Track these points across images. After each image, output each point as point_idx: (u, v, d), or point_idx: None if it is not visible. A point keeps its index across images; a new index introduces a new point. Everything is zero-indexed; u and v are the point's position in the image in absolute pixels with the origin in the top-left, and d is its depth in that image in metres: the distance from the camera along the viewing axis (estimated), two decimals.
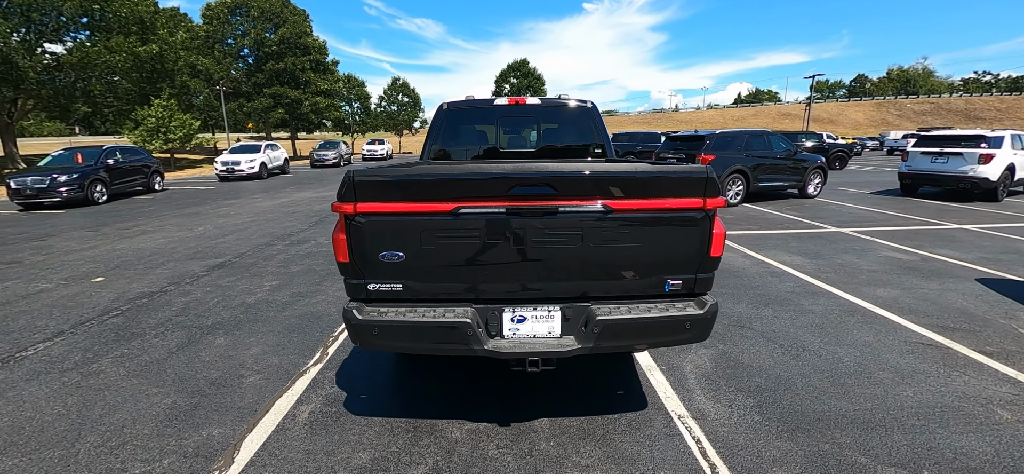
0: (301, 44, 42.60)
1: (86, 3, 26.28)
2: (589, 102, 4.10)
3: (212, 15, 40.57)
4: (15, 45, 22.86)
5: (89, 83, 27.97)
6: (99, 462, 2.36)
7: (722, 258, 4.13)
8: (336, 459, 2.34)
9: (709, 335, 2.29)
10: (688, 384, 2.92)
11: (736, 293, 4.53)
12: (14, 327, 4.10)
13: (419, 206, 2.12)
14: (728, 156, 9.79)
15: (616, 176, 2.11)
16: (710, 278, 2.30)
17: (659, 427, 2.50)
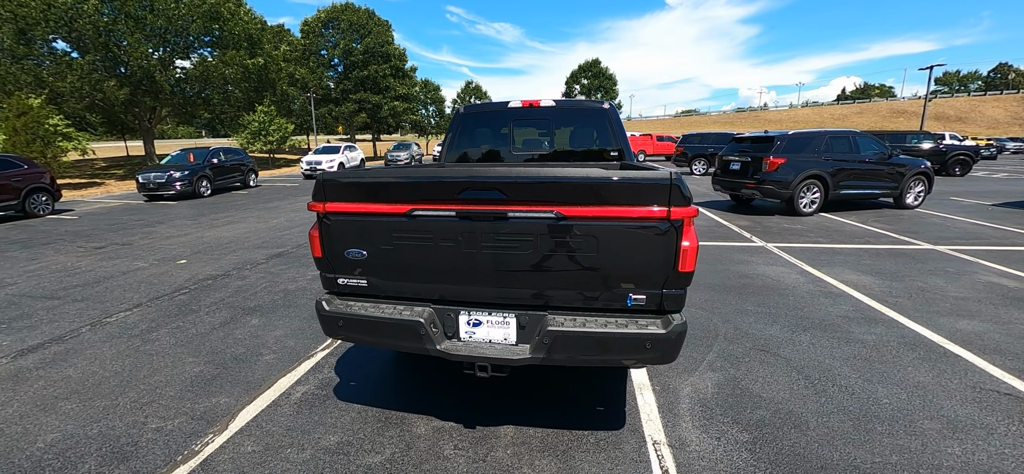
0: (383, 52, 45.80)
1: (208, 24, 30.61)
2: (606, 103, 3.93)
3: (309, 29, 45.11)
4: (154, 62, 27.37)
5: (209, 92, 32.56)
6: (129, 415, 2.76)
7: (770, 273, 3.69)
8: (309, 438, 2.50)
9: (675, 357, 2.09)
10: (678, 408, 2.68)
11: (773, 313, 4.05)
12: (109, 297, 4.94)
13: (378, 207, 2.20)
14: (802, 160, 8.77)
15: (568, 182, 2.00)
16: (680, 295, 2.09)
17: (628, 451, 2.33)
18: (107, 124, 34.22)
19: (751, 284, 4.84)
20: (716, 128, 61.66)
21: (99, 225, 9.58)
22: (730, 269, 5.40)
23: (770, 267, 5.47)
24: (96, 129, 34.35)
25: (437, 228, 2.15)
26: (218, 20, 30.96)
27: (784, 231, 7.50)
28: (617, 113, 3.97)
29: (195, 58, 31.39)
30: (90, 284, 5.41)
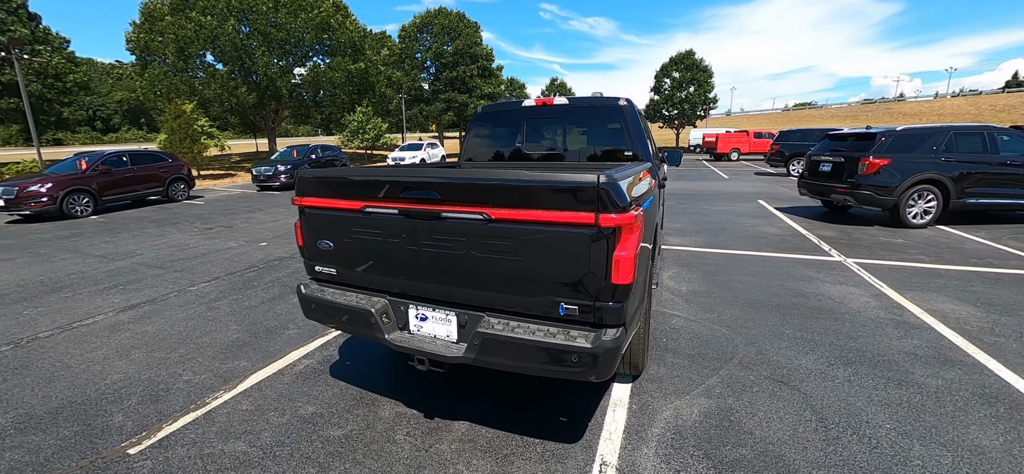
0: (471, 53, 47.72)
1: (319, 35, 34.50)
2: (622, 100, 3.70)
3: (405, 34, 48.66)
4: (276, 71, 31.70)
5: (321, 96, 36.83)
6: (173, 367, 3.32)
7: (832, 293, 3.23)
8: (291, 405, 2.79)
9: (606, 375, 1.93)
10: (648, 432, 2.46)
11: (814, 340, 3.49)
12: (198, 270, 5.92)
13: (339, 203, 2.37)
14: (913, 160, 7.31)
15: (493, 183, 1.96)
16: (619, 309, 1.93)
17: (570, 467, 2.21)
18: (242, 125, 40.33)
19: (802, 304, 4.21)
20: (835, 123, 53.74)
21: (216, 210, 11.47)
22: (783, 285, 4.74)
23: (837, 286, 4.69)
24: (235, 129, 40.95)
25: (385, 224, 2.25)
26: (328, 30, 34.77)
27: (877, 245, 6.35)
28: (634, 110, 3.71)
29: (309, 65, 35.71)
30: (190, 258, 6.53)
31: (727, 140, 26.84)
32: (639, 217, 1.97)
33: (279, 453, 2.39)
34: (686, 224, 8.17)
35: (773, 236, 7.05)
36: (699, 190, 13.22)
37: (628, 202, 1.87)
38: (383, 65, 44.34)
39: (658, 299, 4.42)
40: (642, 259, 2.16)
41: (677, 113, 42.86)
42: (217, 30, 28.80)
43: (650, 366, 3.14)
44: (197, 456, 2.39)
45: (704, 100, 41.63)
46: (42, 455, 2.42)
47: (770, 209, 9.61)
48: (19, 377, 3.25)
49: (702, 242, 6.76)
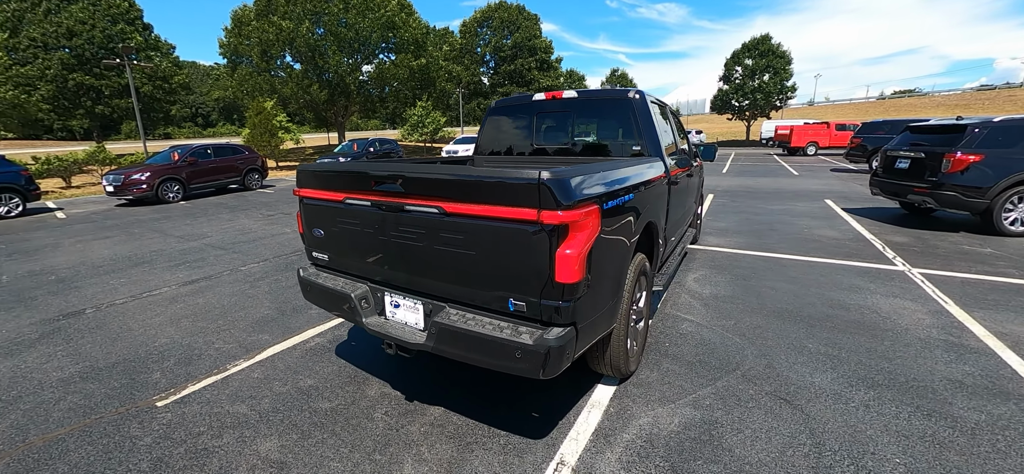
0: (530, 46, 47.70)
1: (386, 34, 36.27)
2: (631, 92, 3.55)
3: (466, 29, 49.70)
4: (346, 69, 33.83)
5: (386, 91, 38.79)
6: (209, 336, 3.75)
7: (881, 306, 2.96)
8: (294, 376, 3.05)
9: (551, 374, 1.90)
10: (617, 437, 2.39)
11: (840, 357, 3.14)
12: (252, 252, 6.58)
13: (326, 194, 2.54)
14: (1012, 157, 6.24)
15: (445, 178, 1.99)
16: (565, 308, 1.89)
17: (527, 463, 2.21)
18: (316, 120, 43.63)
19: (838, 317, 3.80)
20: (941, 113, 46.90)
21: (282, 198, 12.60)
22: (823, 294, 4.30)
23: (889, 298, 4.16)
24: (310, 124, 44.41)
25: (361, 215, 2.38)
26: (393, 28, 36.44)
27: (956, 255, 5.52)
28: (645, 103, 3.53)
29: (375, 63, 37.71)
30: (249, 241, 7.27)
31: (803, 133, 24.44)
32: (593, 214, 1.91)
33: (272, 418, 2.63)
34: (732, 223, 7.63)
35: (829, 240, 6.37)
36: (758, 187, 12.24)
37: (577, 199, 1.83)
38: (444, 61, 45.64)
39: (673, 302, 4.21)
40: (603, 258, 2.10)
41: (748, 103, 39.74)
42: (294, 32, 31.34)
43: (643, 370, 3.02)
44: (206, 414, 2.70)
45: (780, 89, 38.18)
46: (93, 400, 2.88)
47: (836, 210, 8.67)
48: (93, 335, 3.86)
49: (743, 243, 6.29)
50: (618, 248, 2.27)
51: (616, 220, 2.19)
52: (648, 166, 2.99)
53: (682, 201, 4.29)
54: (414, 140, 36.78)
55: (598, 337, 2.26)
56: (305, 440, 2.44)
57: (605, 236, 2.08)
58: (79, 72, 28.02)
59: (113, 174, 11.53)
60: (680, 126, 5.21)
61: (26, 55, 28.11)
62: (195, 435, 2.52)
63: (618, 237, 2.26)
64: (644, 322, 3.15)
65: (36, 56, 28.56)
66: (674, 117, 5.11)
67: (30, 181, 10.37)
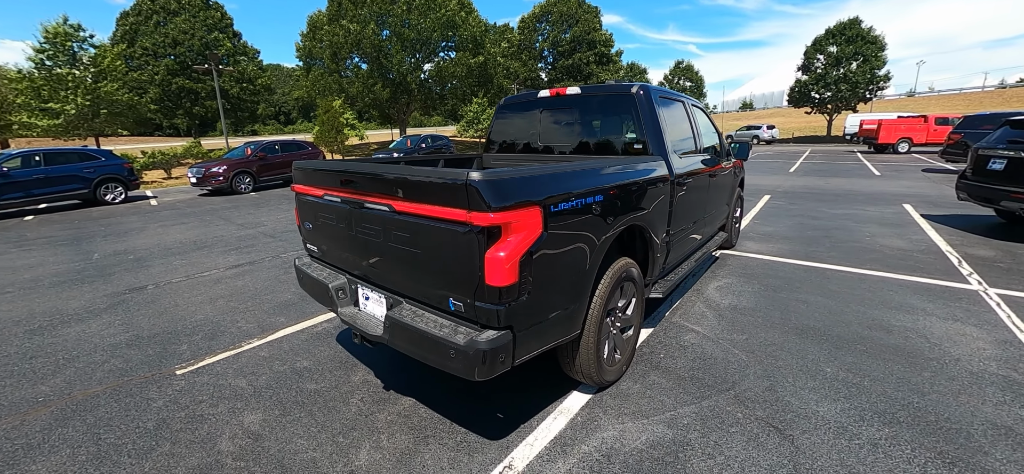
0: (589, 40, 46.71)
1: (446, 33, 37.35)
2: (634, 87, 3.36)
3: (524, 25, 49.72)
4: (407, 68, 35.32)
5: (443, 89, 40.02)
6: (236, 315, 4.14)
7: (933, 331, 2.68)
8: (292, 358, 3.28)
9: (486, 376, 1.87)
10: (575, 447, 2.30)
11: (861, 387, 2.77)
12: (295, 240, 7.12)
13: (310, 190, 2.70)
14: None
15: (390, 177, 2.03)
16: (500, 311, 1.85)
17: (476, 462, 2.20)
18: (380, 117, 46.04)
19: (875, 339, 3.35)
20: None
21: None
22: (864, 313, 3.81)
23: (947, 322, 3.59)
24: (375, 120, 46.97)
25: (335, 210, 2.50)
26: (453, 27, 37.42)
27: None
28: (649, 99, 3.32)
29: (434, 62, 38.97)
30: (295, 231, 7.88)
31: (893, 127, 21.60)
32: (531, 216, 1.85)
33: (264, 394, 2.86)
34: (781, 228, 6.97)
35: (893, 250, 5.61)
36: (826, 189, 11.05)
37: (511, 201, 1.78)
38: (502, 57, 46.11)
39: (684, 311, 3.95)
40: (552, 261, 2.02)
41: (831, 95, 35.93)
42: (360, 34, 33.26)
43: (626, 381, 2.88)
44: (212, 384, 2.99)
45: (869, 79, 34.07)
46: (130, 365, 3.30)
47: (914, 216, 7.61)
48: (147, 309, 4.42)
49: (786, 250, 5.73)
50: (575, 252, 2.17)
51: (571, 223, 2.10)
52: (636, 166, 2.83)
53: (699, 203, 4.01)
54: (470, 136, 37.61)
55: (551, 343, 2.19)
56: (284, 416, 2.63)
57: (554, 239, 2.01)
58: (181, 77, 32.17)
59: (196, 168, 13.03)
60: (711, 124, 4.86)
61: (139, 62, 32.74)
62: (197, 402, 2.80)
63: (575, 241, 2.16)
64: (634, 330, 2.99)
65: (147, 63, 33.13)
66: (705, 114, 4.78)
67: (131, 173, 12.05)
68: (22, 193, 10.08)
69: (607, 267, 2.56)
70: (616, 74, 48.29)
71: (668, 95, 3.83)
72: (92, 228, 8.80)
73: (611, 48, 47.97)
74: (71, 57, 23.04)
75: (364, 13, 33.78)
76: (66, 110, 21.88)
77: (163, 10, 34.49)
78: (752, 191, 10.87)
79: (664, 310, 3.96)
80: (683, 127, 3.89)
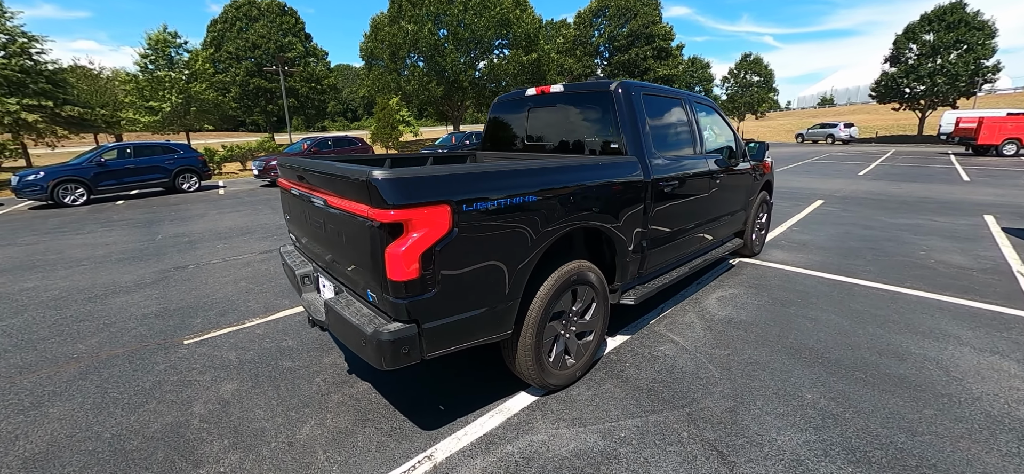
0: (647, 34, 45.01)
1: (500, 31, 37.76)
2: (614, 84, 3.23)
3: (581, 21, 48.92)
4: (461, 66, 36.15)
5: (497, 87, 40.56)
6: (250, 295, 4.55)
7: (960, 363, 2.60)
8: (282, 336, 3.56)
9: (390, 366, 1.94)
10: (499, 448, 2.29)
11: (847, 419, 2.48)
12: None
13: (285, 184, 2.91)
14: None
15: (318, 172, 2.15)
16: (403, 305, 1.91)
17: (400, 450, 2.27)
18: (436, 114, 47.48)
19: (882, 368, 2.98)
20: None
21: None
22: (882, 337, 3.40)
23: (982, 355, 3.11)
24: (432, 118, 48.64)
25: (297, 203, 2.68)
26: (507, 25, 37.74)
27: None
28: (629, 97, 3.18)
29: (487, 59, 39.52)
30: None
31: (997, 126, 18.64)
32: (437, 215, 1.89)
33: (246, 367, 3.14)
34: (821, 236, 6.35)
35: (948, 268, 4.92)
36: (894, 195, 9.85)
37: (413, 200, 1.83)
38: (556, 54, 45.73)
39: (671, 320, 3.76)
40: (468, 260, 2.04)
41: (924, 90, 31.79)
42: (417, 34, 34.55)
43: (579, 387, 2.81)
44: (207, 355, 3.33)
45: (973, 70, 29.69)
46: (151, 332, 3.76)
47: (992, 229, 6.59)
48: (182, 285, 4.98)
49: (817, 262, 5.22)
50: (498, 252, 2.17)
51: (491, 223, 2.11)
52: (597, 167, 2.75)
53: (698, 208, 3.78)
54: None
55: (476, 341, 2.21)
56: (255, 388, 2.87)
57: (467, 238, 2.03)
58: (258, 77, 35.53)
59: (258, 161, 14.33)
60: (724, 124, 4.57)
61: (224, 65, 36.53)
62: (190, 369, 3.14)
63: (498, 240, 2.16)
64: (594, 336, 2.91)
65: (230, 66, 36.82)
66: (716, 113, 4.51)
67: (204, 164, 13.51)
68: (116, 181, 11.69)
69: (552, 268, 2.52)
70: (676, 69, 46.07)
71: (660, 93, 3.65)
72: (165, 213, 10.01)
73: (671, 41, 45.84)
74: (169, 61, 26.18)
75: (422, 14, 35.03)
76: (163, 108, 24.93)
77: (245, 17, 38.28)
78: (803, 195, 9.97)
79: (650, 317, 3.80)
80: (676, 127, 3.70)
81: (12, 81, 17.83)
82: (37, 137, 19.64)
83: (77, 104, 21.09)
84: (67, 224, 8.95)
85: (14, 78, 17.84)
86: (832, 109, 70.28)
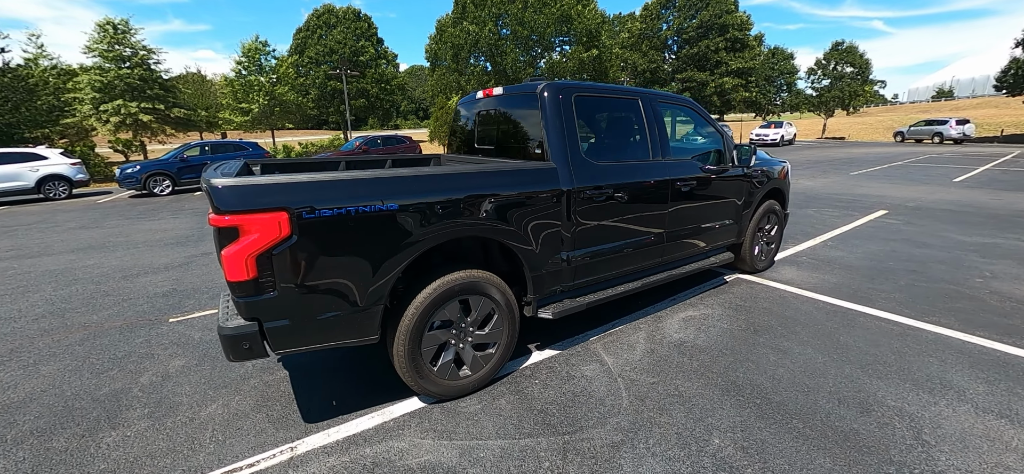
0: (719, 24, 41.94)
1: (561, 28, 37.38)
2: (540, 87, 3.07)
3: (647, 13, 46.83)
4: (520, 65, 36.36)
5: None
6: None
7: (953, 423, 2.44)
8: None
9: (236, 359, 2.10)
10: (356, 450, 2.30)
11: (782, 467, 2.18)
12: None
13: None
14: None
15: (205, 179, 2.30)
16: (241, 303, 2.03)
17: (272, 437, 2.38)
18: None
19: (832, 420, 2.54)
20: None
21: None
22: (859, 381, 2.89)
23: (984, 416, 2.53)
24: None
25: None
26: (568, 22, 37.29)
27: None
28: (556, 98, 2.97)
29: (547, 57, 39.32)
30: None
31: None
32: (271, 221, 1.96)
33: (203, 346, 3.49)
34: (856, 254, 5.51)
35: (1004, 301, 4.02)
36: (986, 206, 8.22)
37: (243, 207, 1.92)
38: (620, 48, 44.26)
39: (612, 340, 3.50)
40: (312, 266, 2.09)
41: None
42: (478, 35, 35.34)
43: (472, 401, 2.72)
44: (179, 332, 3.75)
45: None
46: (152, 309, 4.30)
47: None
48: (199, 270, 5.61)
49: (831, 284, 4.55)
50: (350, 260, 2.19)
51: (341, 231, 2.13)
52: (491, 174, 2.65)
53: (641, 220, 3.44)
54: None
55: (335, 342, 2.27)
56: (196, 366, 3.17)
57: (312, 244, 2.08)
58: (334, 80, 38.68)
59: (317, 158, 15.64)
60: (707, 125, 4.17)
61: (306, 69, 40.22)
62: (158, 345, 3.53)
63: (352, 248, 2.18)
64: (498, 350, 2.82)
65: (310, 70, 40.43)
66: (695, 113, 4.12)
67: None
68: (195, 174, 13.45)
69: (435, 276, 2.49)
70: (752, 61, 42.31)
71: (606, 93, 3.42)
72: None
73: (749, 31, 42.19)
74: (259, 67, 29.39)
75: (484, 14, 35.79)
76: (252, 109, 28.06)
77: (325, 25, 41.90)
78: (863, 204, 8.71)
79: (593, 333, 3.57)
80: (625, 131, 3.44)
81: (134, 87, 21.12)
82: (151, 135, 23.13)
83: (183, 106, 24.45)
84: (148, 212, 10.48)
85: (135, 85, 21.12)
86: (949, 103, 59.77)
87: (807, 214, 8.05)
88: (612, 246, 3.28)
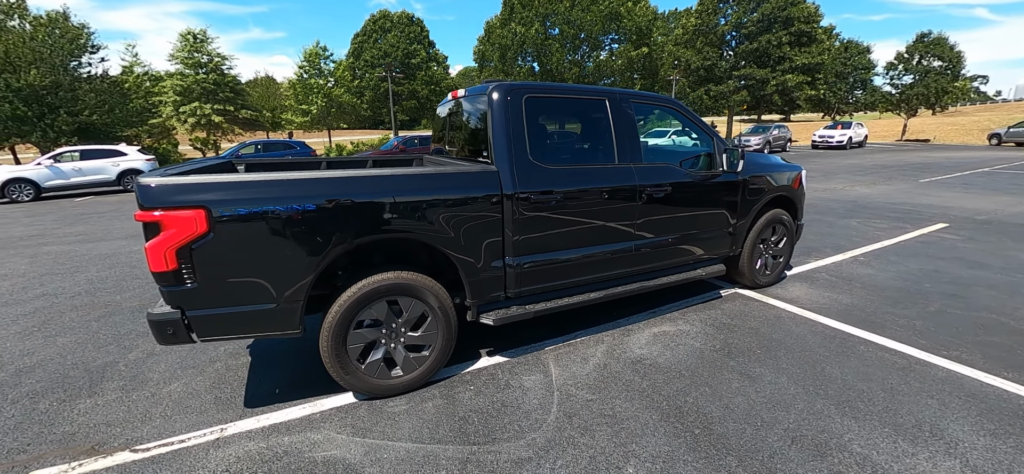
0: (782, 17, 38.90)
1: (609, 26, 36.57)
2: (490, 89, 2.99)
3: (702, 8, 44.45)
4: (566, 64, 36.00)
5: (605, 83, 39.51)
6: None
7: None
8: None
9: (162, 343, 2.32)
10: (273, 439, 2.38)
11: None
12: None
13: None
14: None
15: None
16: (164, 292, 2.22)
17: (214, 418, 2.54)
18: None
19: (778, 462, 2.27)
20: None
21: None
22: (824, 418, 2.57)
23: (957, 459, 2.17)
24: None
25: None
26: (616, 19, 36.41)
27: None
28: (504, 100, 2.88)
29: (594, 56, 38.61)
30: None
31: None
32: (188, 218, 2.09)
33: None
34: (888, 272, 4.90)
35: None
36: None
37: (160, 204, 2.07)
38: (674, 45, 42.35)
39: (567, 351, 3.36)
40: (231, 260, 2.21)
41: None
42: (524, 35, 35.43)
43: (399, 400, 2.73)
44: None
45: None
46: (142, 298, 4.73)
47: None
48: None
49: (842, 306, 4.07)
50: (267, 256, 2.28)
51: (257, 228, 2.24)
52: (420, 176, 2.65)
53: (600, 227, 3.25)
54: None
55: (256, 334, 2.40)
56: (162, 352, 3.45)
57: (227, 240, 2.20)
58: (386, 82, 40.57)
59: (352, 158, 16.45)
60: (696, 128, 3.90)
61: (362, 72, 42.46)
62: (125, 332, 3.77)
63: (269, 245, 2.28)
64: (432, 353, 2.82)
65: (365, 72, 42.61)
66: (681, 115, 3.87)
67: None
68: None
69: (362, 276, 2.54)
70: (820, 56, 38.75)
71: (566, 93, 3.31)
72: None
73: (817, 23, 38.73)
74: (318, 71, 31.43)
75: (531, 14, 35.83)
76: (312, 110, 30.08)
77: (381, 29, 44.01)
78: (921, 215, 7.72)
79: (549, 342, 3.46)
80: (585, 134, 3.30)
81: (208, 90, 23.39)
82: (222, 134, 25.50)
83: (251, 108, 26.72)
84: None
85: (210, 88, 23.38)
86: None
87: (849, 224, 7.27)
88: (566, 255, 3.16)
